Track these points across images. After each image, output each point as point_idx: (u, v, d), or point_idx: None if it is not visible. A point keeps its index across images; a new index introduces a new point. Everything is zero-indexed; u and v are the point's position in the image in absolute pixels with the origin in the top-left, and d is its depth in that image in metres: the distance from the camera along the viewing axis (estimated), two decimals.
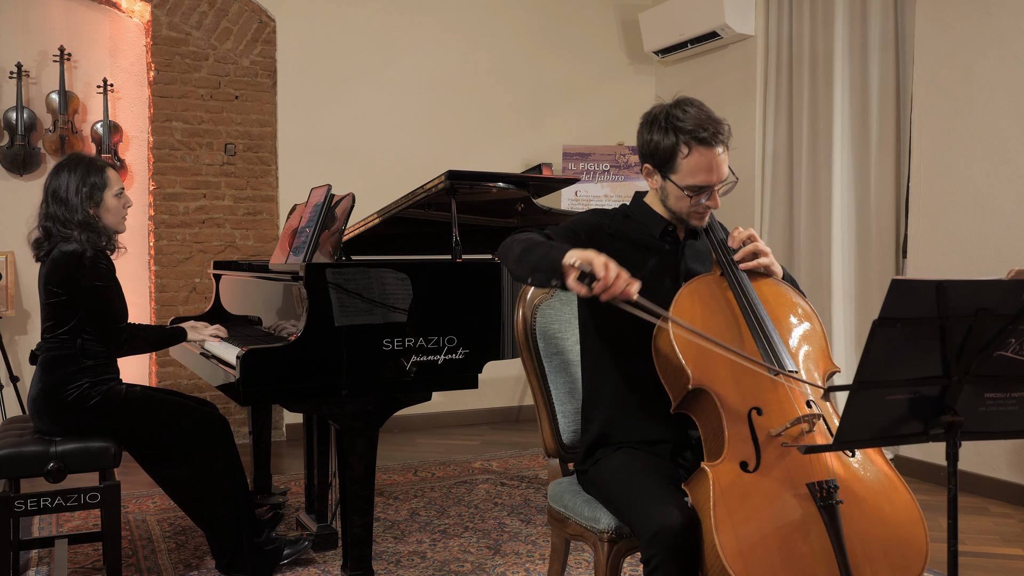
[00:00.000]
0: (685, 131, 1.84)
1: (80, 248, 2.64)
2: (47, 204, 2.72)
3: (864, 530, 1.65)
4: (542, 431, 2.22)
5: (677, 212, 1.95)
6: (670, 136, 1.86)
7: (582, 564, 3.00)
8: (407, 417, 5.13)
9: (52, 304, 2.68)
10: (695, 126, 1.84)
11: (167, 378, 4.80)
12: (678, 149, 1.86)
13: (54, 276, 2.66)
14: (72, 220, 2.68)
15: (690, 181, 1.87)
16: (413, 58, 5.40)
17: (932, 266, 4.10)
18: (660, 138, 1.88)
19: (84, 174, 2.73)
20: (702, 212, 1.93)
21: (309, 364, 2.42)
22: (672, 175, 1.89)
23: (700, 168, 1.85)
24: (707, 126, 1.84)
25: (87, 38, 4.83)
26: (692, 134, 1.84)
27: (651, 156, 1.92)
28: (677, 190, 1.90)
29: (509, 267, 1.85)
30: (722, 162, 1.87)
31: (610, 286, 1.61)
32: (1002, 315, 1.40)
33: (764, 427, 1.73)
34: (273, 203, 5.06)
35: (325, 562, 3.02)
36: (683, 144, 1.85)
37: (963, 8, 3.94)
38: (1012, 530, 3.44)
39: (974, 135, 3.91)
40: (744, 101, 5.28)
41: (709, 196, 1.89)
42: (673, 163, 1.88)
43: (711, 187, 1.88)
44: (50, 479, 2.59)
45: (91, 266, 2.64)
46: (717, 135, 1.85)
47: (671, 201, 1.94)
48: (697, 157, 1.85)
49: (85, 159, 2.79)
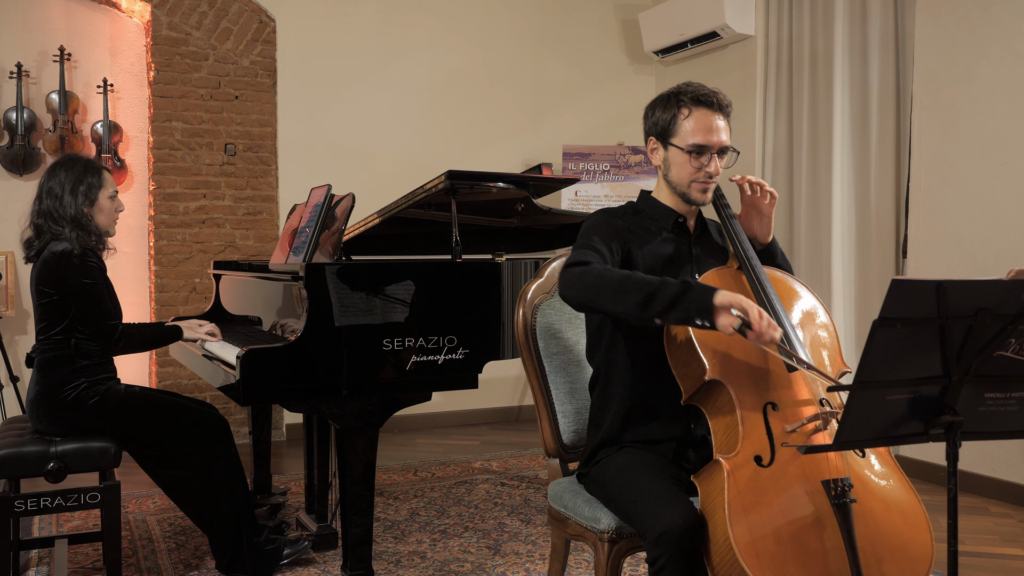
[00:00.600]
0: (686, 94, 1.94)
1: (69, 247, 2.63)
2: (40, 200, 2.72)
3: (874, 531, 1.65)
4: (542, 431, 2.22)
5: (679, 185, 1.97)
6: (672, 105, 1.95)
7: (582, 564, 3.00)
8: (407, 417, 5.13)
9: (44, 305, 2.67)
10: (695, 89, 1.94)
11: (167, 378, 4.80)
12: (679, 111, 1.94)
13: (45, 277, 2.65)
14: (64, 216, 2.67)
15: (691, 140, 1.92)
16: (413, 58, 5.40)
17: (932, 266, 4.09)
18: (663, 110, 1.96)
19: (81, 173, 2.73)
20: (703, 182, 1.95)
21: (309, 364, 2.42)
22: (673, 139, 1.95)
23: (700, 127, 1.92)
24: (708, 91, 1.94)
25: (87, 38, 4.83)
26: (692, 95, 1.93)
27: (654, 128, 1.99)
28: (679, 154, 1.93)
29: (603, 304, 1.77)
30: (722, 128, 1.93)
31: (762, 334, 1.64)
32: (1002, 315, 1.40)
33: (778, 423, 1.73)
34: (273, 203, 5.06)
35: (325, 562, 3.02)
36: (683, 107, 1.93)
37: (963, 8, 3.94)
38: (1012, 530, 3.44)
39: (974, 135, 3.91)
40: (744, 101, 5.28)
41: (710, 161, 1.92)
42: (674, 126, 1.94)
43: (711, 150, 1.91)
44: (50, 479, 2.59)
45: (80, 264, 2.63)
46: (718, 100, 1.94)
47: (673, 173, 1.96)
48: (697, 116, 1.92)
49: (82, 159, 2.80)
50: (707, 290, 1.67)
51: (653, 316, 1.70)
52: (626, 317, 1.78)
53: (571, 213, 3.52)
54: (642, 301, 1.71)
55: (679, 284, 1.70)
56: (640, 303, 1.71)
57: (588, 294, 1.79)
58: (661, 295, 1.69)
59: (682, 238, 2.02)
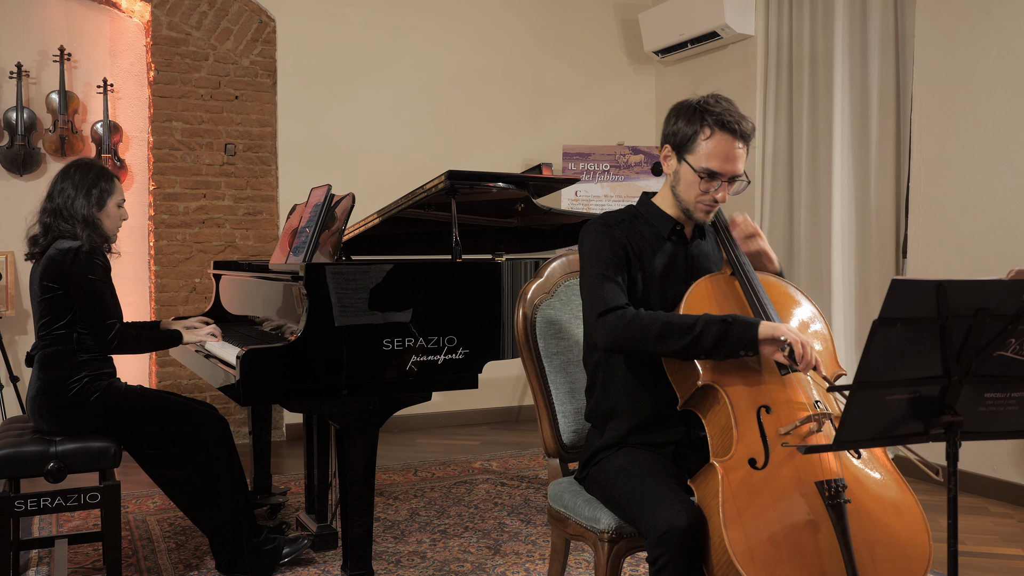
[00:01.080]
0: (712, 114, 1.89)
1: (79, 244, 2.67)
2: (51, 199, 2.77)
3: (870, 531, 1.65)
4: (542, 431, 2.22)
5: (685, 201, 1.97)
6: (696, 119, 1.91)
7: (582, 564, 3.00)
8: (407, 417, 5.13)
9: (47, 300, 2.69)
10: (723, 112, 1.90)
11: (167, 378, 4.80)
12: (701, 130, 1.90)
13: (50, 272, 2.67)
14: (76, 216, 2.72)
15: (705, 164, 1.90)
16: (413, 58, 5.40)
17: (932, 266, 4.09)
18: (685, 122, 1.93)
19: (96, 177, 2.79)
20: (708, 205, 1.95)
21: (309, 364, 2.42)
22: (689, 156, 1.92)
23: (717, 153, 1.89)
24: (734, 116, 1.90)
25: (87, 38, 4.83)
26: (718, 117, 1.89)
27: (672, 137, 1.96)
28: (690, 173, 1.92)
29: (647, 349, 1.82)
30: (739, 156, 1.91)
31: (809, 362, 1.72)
32: (1002, 315, 1.40)
33: (772, 425, 1.74)
34: (273, 203, 5.06)
35: (325, 562, 3.02)
36: (707, 126, 1.90)
37: (963, 8, 3.94)
38: (1012, 530, 3.44)
39: (974, 135, 3.91)
40: (744, 101, 5.28)
41: (719, 187, 1.91)
42: (693, 143, 1.91)
43: (723, 177, 1.90)
44: (50, 479, 2.59)
45: (87, 260, 2.66)
46: (741, 127, 1.90)
47: (681, 187, 1.96)
48: (718, 140, 1.89)
49: (97, 165, 2.87)
50: (750, 325, 1.74)
51: (699, 357, 1.79)
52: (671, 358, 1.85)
53: (571, 213, 3.52)
54: (687, 346, 1.78)
55: (720, 325, 1.75)
56: (685, 348, 1.78)
57: (631, 344, 1.84)
58: (705, 338, 1.76)
59: (679, 245, 2.03)
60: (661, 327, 1.80)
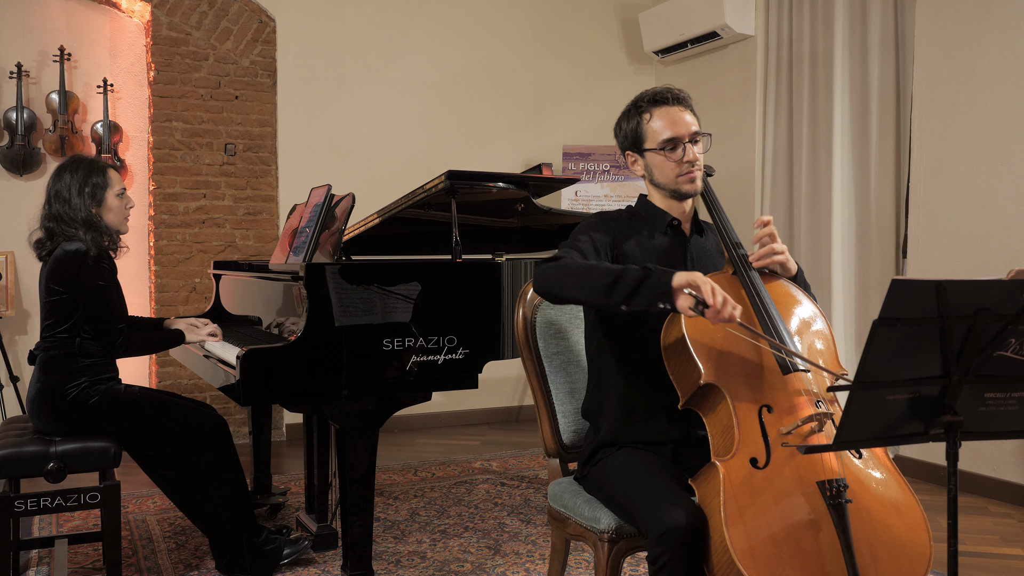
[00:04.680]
0: (643, 99, 2.01)
1: (84, 247, 2.64)
2: (50, 205, 2.74)
3: (871, 531, 1.65)
4: (542, 431, 2.22)
5: (667, 184, 2.00)
6: (634, 113, 2.02)
7: (582, 564, 3.00)
8: (407, 417, 5.13)
9: (52, 302, 2.68)
10: (651, 93, 2.01)
11: (167, 378, 4.80)
12: (641, 117, 2.01)
13: (56, 274, 2.66)
14: (76, 219, 2.70)
15: (661, 138, 1.97)
16: (413, 58, 5.40)
17: (932, 266, 4.10)
18: (627, 121, 2.04)
19: (86, 174, 2.74)
20: (688, 173, 1.98)
21: (309, 364, 2.42)
22: (646, 144, 2.00)
23: (666, 123, 1.97)
24: (661, 89, 2.01)
25: (87, 38, 4.83)
26: (650, 98, 2.00)
27: (626, 141, 2.05)
28: (656, 155, 1.99)
29: (570, 292, 1.81)
30: (686, 117, 1.98)
31: (719, 311, 1.65)
32: (1002, 315, 1.40)
33: (774, 425, 1.73)
34: (273, 203, 5.06)
35: (325, 562, 3.02)
36: (644, 111, 2.00)
37: (963, 8, 3.94)
38: (1012, 530, 3.44)
39: (974, 135, 3.91)
40: (744, 101, 5.28)
41: (686, 151, 1.96)
42: (642, 132, 2.01)
43: (683, 140, 1.96)
44: (50, 479, 2.59)
45: (94, 265, 2.64)
46: (673, 94, 1.99)
47: (657, 175, 2.01)
48: (660, 114, 1.98)
49: (86, 160, 2.80)
50: (666, 273, 1.70)
51: (618, 302, 1.73)
52: (593, 304, 1.84)
53: (571, 213, 3.52)
54: (606, 288, 1.74)
55: (640, 269, 1.73)
56: (604, 290, 1.74)
57: (555, 285, 1.84)
58: (624, 281, 1.72)
59: (677, 240, 2.03)
60: (585, 270, 1.79)
